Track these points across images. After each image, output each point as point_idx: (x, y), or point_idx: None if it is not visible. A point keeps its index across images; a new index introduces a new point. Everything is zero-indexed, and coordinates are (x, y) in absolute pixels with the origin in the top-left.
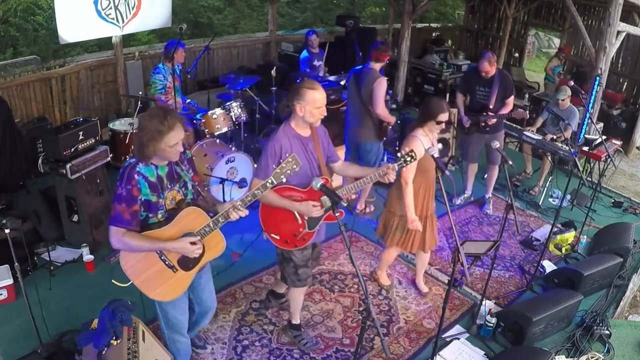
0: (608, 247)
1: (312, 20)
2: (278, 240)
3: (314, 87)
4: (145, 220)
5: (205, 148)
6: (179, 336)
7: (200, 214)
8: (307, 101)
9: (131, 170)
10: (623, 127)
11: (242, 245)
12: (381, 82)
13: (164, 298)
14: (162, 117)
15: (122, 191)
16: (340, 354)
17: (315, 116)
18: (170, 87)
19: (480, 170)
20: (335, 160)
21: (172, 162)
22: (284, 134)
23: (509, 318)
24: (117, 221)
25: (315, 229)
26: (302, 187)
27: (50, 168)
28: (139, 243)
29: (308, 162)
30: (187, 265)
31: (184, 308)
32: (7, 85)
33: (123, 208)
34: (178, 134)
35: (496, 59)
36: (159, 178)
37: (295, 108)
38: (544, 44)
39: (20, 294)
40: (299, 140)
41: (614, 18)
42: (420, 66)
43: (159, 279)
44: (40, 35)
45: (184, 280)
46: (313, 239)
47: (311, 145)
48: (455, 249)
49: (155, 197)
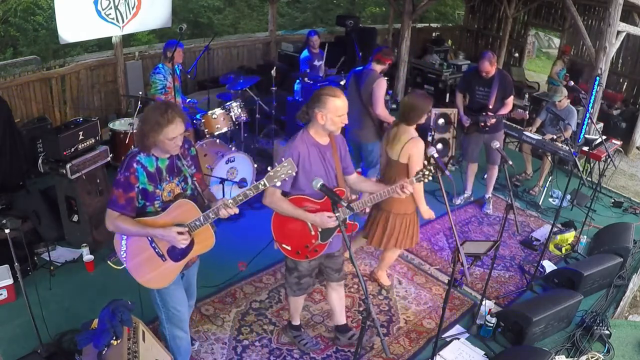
0: (608, 247)
1: (312, 20)
2: (289, 251)
3: (336, 94)
4: (143, 208)
5: (205, 148)
6: (179, 331)
7: (193, 207)
8: (329, 109)
9: (131, 158)
10: (623, 127)
11: (248, 255)
12: (381, 82)
13: (152, 285)
14: (163, 111)
15: (121, 177)
16: (340, 354)
17: (336, 124)
18: (170, 87)
19: (480, 170)
20: (351, 173)
21: (174, 156)
22: (302, 142)
23: (509, 318)
24: (113, 205)
25: (328, 241)
26: (318, 199)
27: (50, 168)
28: (130, 227)
29: (325, 172)
30: (176, 256)
31: (182, 299)
32: (7, 85)
33: (120, 193)
34: (177, 128)
35: (496, 58)
36: (158, 169)
37: (317, 116)
38: (544, 44)
39: (20, 294)
40: (317, 148)
41: (614, 18)
42: (420, 66)
43: (149, 265)
44: (40, 35)
45: (172, 270)
46: (325, 250)
47: (329, 154)
48: (455, 249)
49: (152, 187)
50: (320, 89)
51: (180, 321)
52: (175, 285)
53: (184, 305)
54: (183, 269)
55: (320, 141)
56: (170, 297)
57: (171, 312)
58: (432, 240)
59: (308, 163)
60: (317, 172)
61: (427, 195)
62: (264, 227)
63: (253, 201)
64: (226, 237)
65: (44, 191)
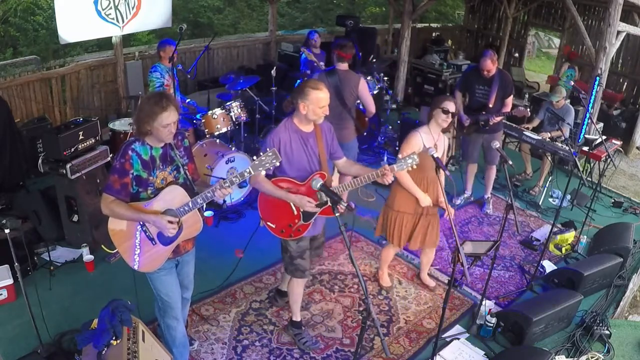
0: (608, 247)
1: (312, 20)
2: (274, 229)
3: (319, 87)
4: (137, 194)
5: (205, 148)
6: (171, 320)
7: (182, 193)
8: (311, 100)
9: (127, 146)
10: (623, 127)
11: (248, 255)
12: (364, 83)
13: (142, 269)
14: (158, 99)
15: (117, 164)
16: (340, 354)
17: (317, 114)
18: (167, 85)
19: (480, 170)
20: (339, 157)
21: (167, 146)
22: (285, 129)
23: (509, 318)
24: (108, 189)
25: (310, 222)
26: (300, 181)
27: (50, 168)
28: (123, 211)
29: (307, 157)
30: (165, 240)
31: (173, 286)
32: (7, 85)
33: (115, 178)
34: (171, 116)
35: (497, 57)
36: (152, 158)
37: (299, 106)
38: (544, 44)
39: (20, 294)
40: (299, 134)
41: (614, 18)
42: (420, 66)
43: (139, 249)
44: (40, 35)
45: (162, 253)
46: (308, 231)
47: (312, 141)
48: (455, 249)
49: (146, 174)
50: (305, 81)
51: (171, 309)
52: (166, 271)
53: (175, 293)
54: (175, 255)
55: (303, 129)
56: (161, 283)
57: (163, 300)
58: None
59: (289, 148)
60: (298, 157)
61: None
62: (263, 227)
63: (253, 201)
64: (226, 237)
65: (44, 191)
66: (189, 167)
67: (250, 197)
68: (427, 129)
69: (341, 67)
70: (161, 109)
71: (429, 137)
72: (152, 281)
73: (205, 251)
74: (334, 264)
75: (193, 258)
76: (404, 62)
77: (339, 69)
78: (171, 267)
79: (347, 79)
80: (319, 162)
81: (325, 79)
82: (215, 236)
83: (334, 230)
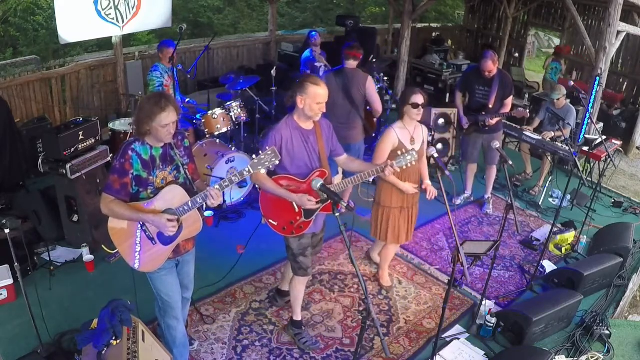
0: (608, 247)
1: (312, 20)
2: (276, 227)
3: (318, 83)
4: (137, 194)
5: (205, 148)
6: (172, 320)
7: (182, 193)
8: (309, 95)
9: (127, 146)
10: (623, 127)
11: (248, 255)
12: (372, 81)
13: (142, 268)
14: (158, 99)
15: (117, 164)
16: (340, 354)
17: (314, 111)
18: (167, 84)
19: (480, 170)
20: (340, 154)
21: (167, 146)
22: (286, 126)
23: (509, 318)
24: (108, 189)
25: (311, 219)
26: (301, 178)
27: (50, 168)
28: (122, 211)
29: (308, 154)
30: (165, 240)
31: (173, 286)
32: (7, 85)
33: (115, 178)
34: (170, 116)
35: (497, 58)
36: (152, 157)
37: (297, 100)
38: (544, 44)
39: (20, 294)
40: (300, 132)
41: (614, 18)
42: (420, 66)
43: (139, 248)
44: (40, 35)
45: (162, 253)
46: (310, 228)
47: (312, 138)
48: (455, 249)
49: (146, 174)
50: (305, 76)
51: (172, 309)
52: (166, 271)
53: (176, 293)
54: (175, 255)
55: (304, 126)
56: (161, 283)
57: (163, 300)
58: (432, 240)
59: (291, 145)
60: (299, 154)
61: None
62: (263, 227)
63: (253, 201)
64: (226, 237)
65: (44, 191)
66: (189, 167)
67: (250, 197)
68: (401, 124)
69: (350, 66)
70: (160, 110)
71: (404, 131)
72: (152, 281)
73: (205, 251)
74: (334, 264)
75: (193, 258)
76: (404, 62)
77: (347, 68)
78: (171, 266)
79: (354, 77)
80: (319, 159)
81: (333, 78)
82: (215, 236)
83: (334, 230)
